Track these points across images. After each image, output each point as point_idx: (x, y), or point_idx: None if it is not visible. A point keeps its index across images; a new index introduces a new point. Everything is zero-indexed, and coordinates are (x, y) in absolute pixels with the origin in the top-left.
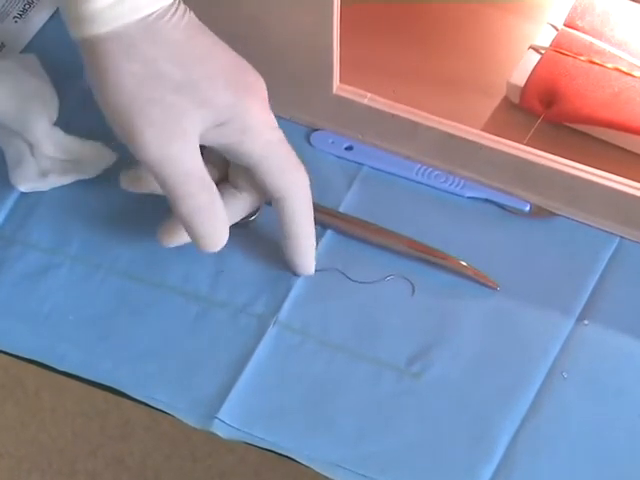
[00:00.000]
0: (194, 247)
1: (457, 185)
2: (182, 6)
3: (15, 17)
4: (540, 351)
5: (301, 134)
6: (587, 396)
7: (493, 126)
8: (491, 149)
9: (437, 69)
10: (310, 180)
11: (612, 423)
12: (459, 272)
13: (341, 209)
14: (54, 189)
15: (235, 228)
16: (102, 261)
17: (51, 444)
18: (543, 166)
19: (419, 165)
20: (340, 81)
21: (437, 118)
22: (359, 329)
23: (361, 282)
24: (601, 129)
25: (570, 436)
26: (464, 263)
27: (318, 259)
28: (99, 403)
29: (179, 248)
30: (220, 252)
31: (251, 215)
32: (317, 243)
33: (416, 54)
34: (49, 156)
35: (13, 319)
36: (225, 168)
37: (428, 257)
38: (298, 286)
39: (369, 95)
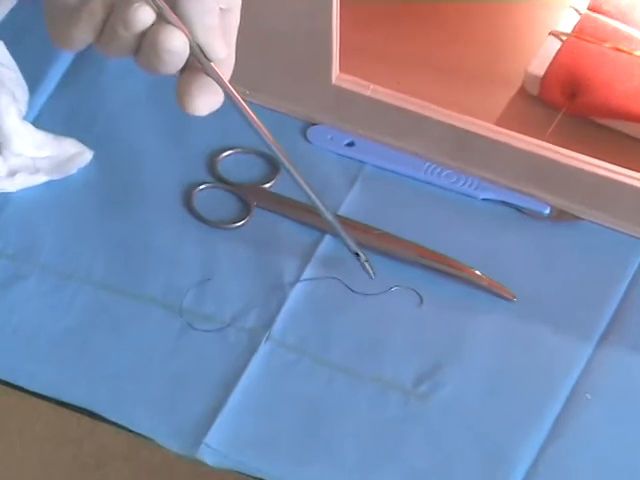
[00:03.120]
0: (176, 253)
1: (470, 186)
2: None
3: None
4: (561, 370)
5: (297, 129)
6: (613, 419)
7: (510, 120)
8: (507, 146)
9: (447, 57)
10: (306, 179)
11: None
12: (472, 282)
13: (341, 212)
14: (23, 190)
15: (223, 231)
16: (75, 270)
17: (17, 472)
18: (565, 164)
19: (427, 163)
20: (340, 70)
21: (447, 111)
22: (361, 346)
23: (363, 293)
24: (629, 123)
25: (595, 463)
26: (478, 272)
27: (316, 267)
28: (72, 428)
29: (160, 254)
30: (206, 259)
31: (241, 218)
32: (314, 249)
33: (424, 41)
34: (18, 154)
35: None
36: None
37: (438, 266)
38: (293, 297)
39: (372, 86)
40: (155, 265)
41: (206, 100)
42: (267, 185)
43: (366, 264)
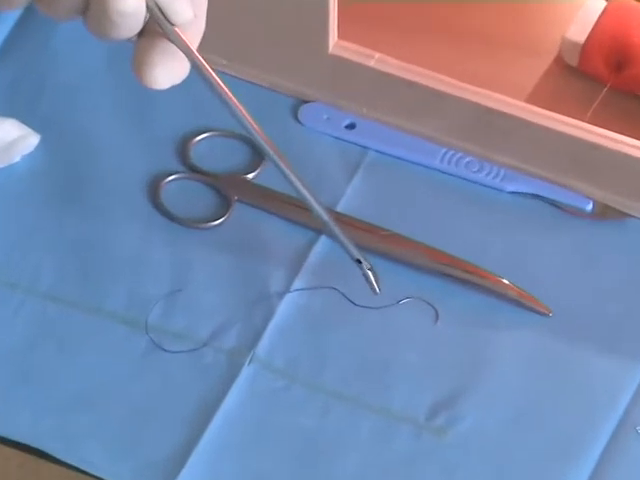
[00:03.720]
0: (141, 258)
1: (495, 176)
2: None
3: None
4: (606, 399)
5: (286, 108)
6: None
7: (543, 96)
8: (541, 127)
9: (468, 21)
10: (296, 169)
11: None
12: (498, 293)
13: (340, 208)
14: None
15: (197, 231)
16: (18, 279)
17: None
18: (610, 150)
19: (444, 149)
20: (338, 37)
21: (469, 86)
22: (364, 369)
23: (366, 306)
24: None
25: None
26: (505, 281)
27: (309, 275)
28: (12, 469)
29: (121, 259)
30: (177, 265)
31: (219, 215)
32: (307, 253)
33: (439, 1)
34: None
35: None
36: None
37: (456, 273)
38: (282, 311)
39: (377, 55)
40: (115, 272)
41: (167, 69)
42: (250, 175)
43: (370, 274)
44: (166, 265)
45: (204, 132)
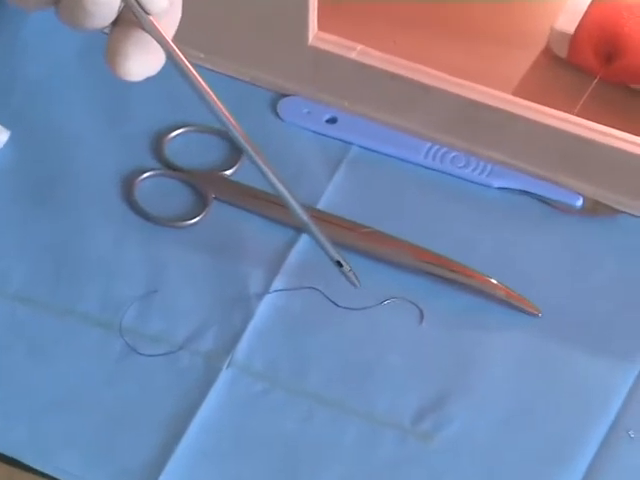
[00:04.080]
0: (115, 258)
1: (482, 172)
2: None
3: None
4: (598, 401)
5: (265, 102)
6: None
7: (531, 89)
8: (528, 121)
9: (453, 13)
10: (274, 166)
11: None
12: (486, 293)
13: (320, 206)
14: None
15: (173, 230)
16: None
17: None
18: (600, 144)
19: (429, 144)
20: (319, 28)
21: (454, 79)
22: (347, 373)
23: (349, 308)
24: None
25: None
26: (493, 280)
27: (289, 275)
28: None
29: (94, 260)
30: (152, 265)
31: (195, 213)
32: (287, 252)
33: None
34: None
35: None
36: None
37: (442, 272)
38: (261, 313)
39: (359, 47)
40: (88, 273)
41: (142, 60)
42: (227, 172)
43: (350, 275)
44: (141, 265)
45: (180, 127)
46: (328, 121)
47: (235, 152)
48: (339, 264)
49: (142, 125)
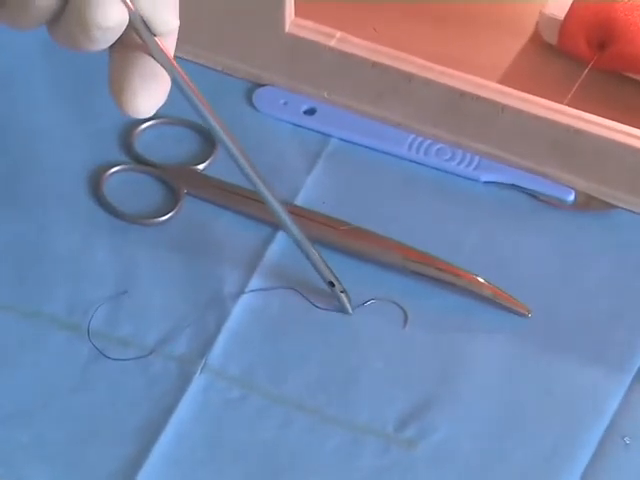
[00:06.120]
0: (82, 258)
1: (469, 165)
2: None
3: None
4: (592, 406)
5: (240, 91)
6: None
7: (519, 78)
8: (517, 111)
9: None
10: (250, 158)
11: None
12: (473, 292)
13: (299, 201)
14: None
15: (143, 228)
16: None
17: None
18: (593, 135)
19: (413, 136)
20: (295, 14)
21: (439, 67)
22: (327, 378)
23: (329, 309)
24: None
25: None
26: (480, 279)
27: (265, 275)
28: None
29: (61, 260)
30: (121, 265)
31: (167, 210)
32: (263, 250)
33: None
34: None
35: None
36: None
37: (427, 271)
38: (237, 314)
39: (338, 34)
40: (54, 274)
41: (150, 94)
42: (200, 166)
43: (343, 296)
44: (109, 265)
45: (150, 120)
46: (306, 112)
47: (208, 145)
48: (331, 284)
49: (110, 118)
